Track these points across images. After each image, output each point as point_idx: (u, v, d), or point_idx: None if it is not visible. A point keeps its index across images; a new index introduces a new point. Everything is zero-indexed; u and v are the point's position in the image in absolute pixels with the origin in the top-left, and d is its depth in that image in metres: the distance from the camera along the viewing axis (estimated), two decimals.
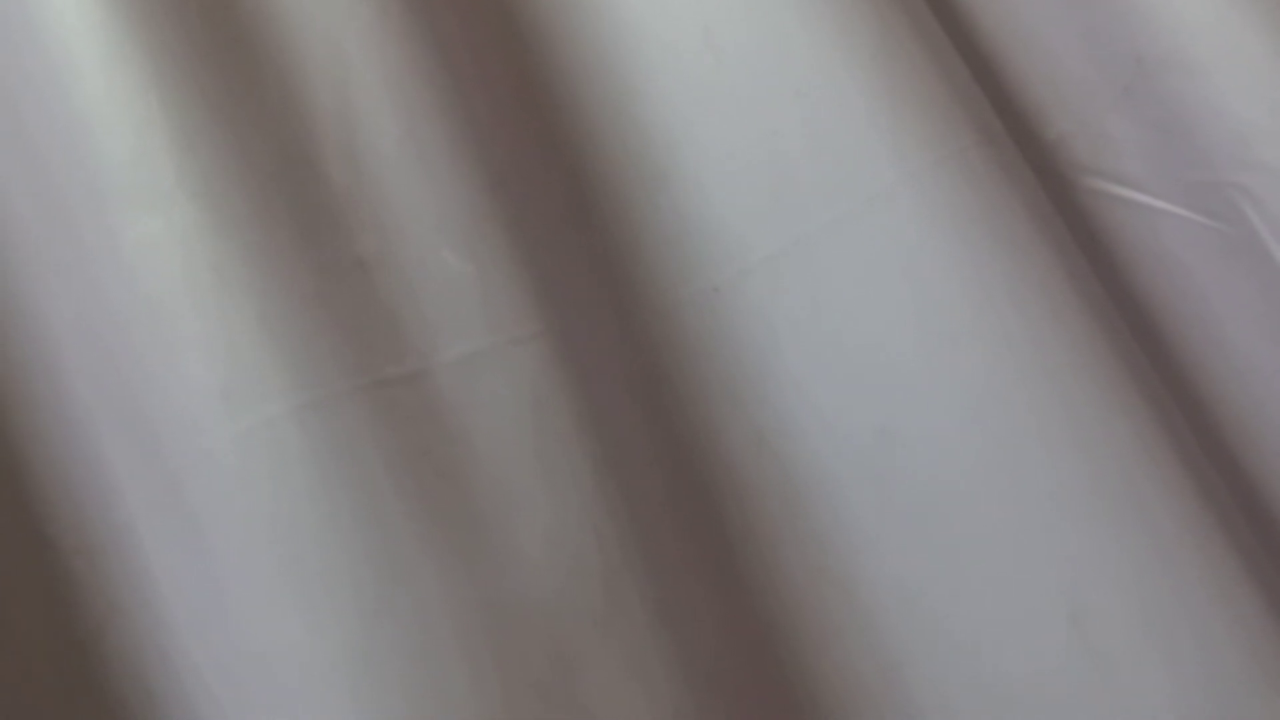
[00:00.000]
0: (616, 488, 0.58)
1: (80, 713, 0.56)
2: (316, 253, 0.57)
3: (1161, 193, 0.71)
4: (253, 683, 0.53)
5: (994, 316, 0.62)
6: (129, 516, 0.58)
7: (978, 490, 0.61)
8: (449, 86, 0.62)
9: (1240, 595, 0.59)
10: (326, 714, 0.51)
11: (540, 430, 0.57)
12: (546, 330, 0.59)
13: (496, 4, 0.67)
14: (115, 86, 0.57)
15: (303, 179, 0.58)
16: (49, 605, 0.59)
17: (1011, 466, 0.61)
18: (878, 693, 0.62)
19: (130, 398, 0.57)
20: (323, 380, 0.55)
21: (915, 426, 0.62)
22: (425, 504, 0.54)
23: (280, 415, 0.54)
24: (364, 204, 0.58)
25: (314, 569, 0.53)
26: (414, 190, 0.59)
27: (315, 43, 0.60)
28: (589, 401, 0.59)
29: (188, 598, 0.56)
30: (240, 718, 0.54)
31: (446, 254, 0.58)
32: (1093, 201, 0.72)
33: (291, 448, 0.54)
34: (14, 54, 0.56)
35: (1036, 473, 0.61)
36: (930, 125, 0.63)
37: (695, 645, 0.57)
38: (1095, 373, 0.61)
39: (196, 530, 0.55)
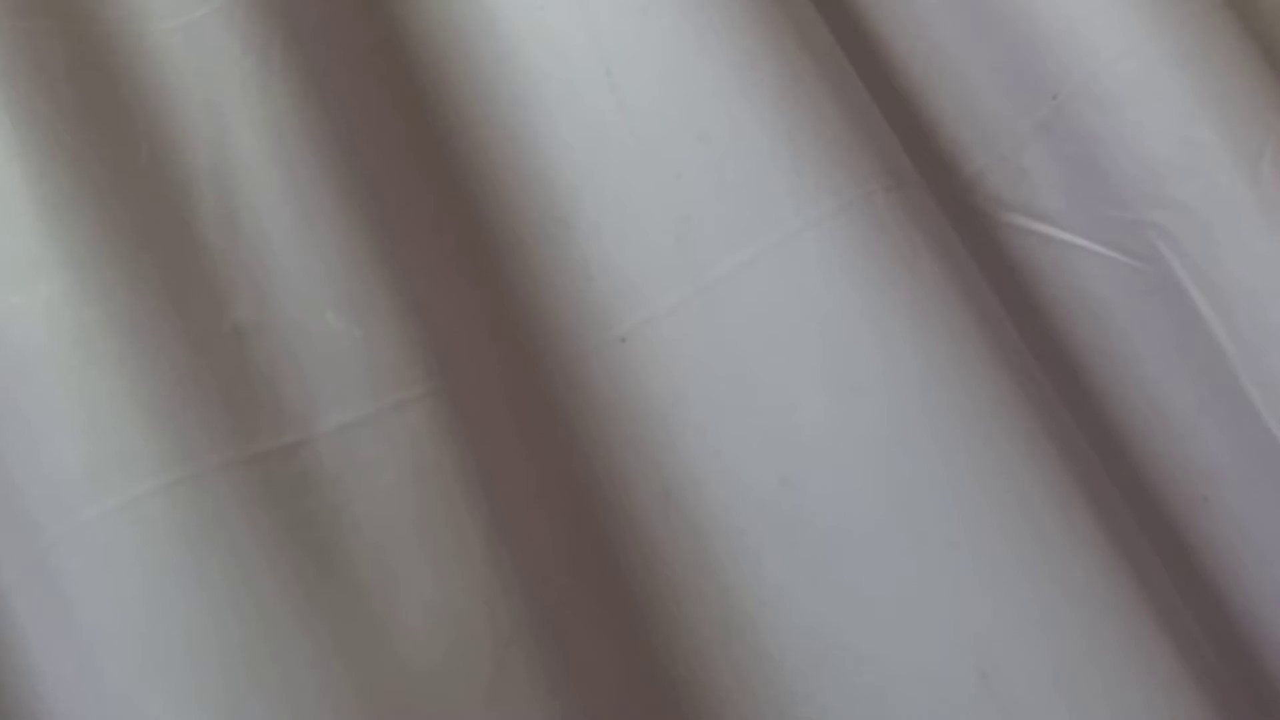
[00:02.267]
0: (509, 554, 0.56)
1: None
2: (189, 321, 0.54)
3: (1079, 229, 0.69)
4: None
5: (900, 364, 0.60)
6: (4, 587, 0.56)
7: (884, 541, 0.60)
8: (335, 138, 0.60)
9: (1153, 649, 0.58)
10: None
11: (423, 498, 0.55)
12: (435, 391, 0.57)
13: (388, 50, 0.66)
14: None
15: (175, 243, 0.56)
16: None
17: (918, 516, 0.60)
18: None
19: (1, 469, 0.54)
20: (194, 456, 0.52)
21: (820, 475, 0.61)
22: (300, 579, 0.52)
23: (148, 493, 0.52)
24: (241, 267, 0.56)
25: (181, 648, 0.51)
26: (295, 251, 0.57)
27: (189, 98, 0.58)
28: (479, 464, 0.57)
29: (60, 674, 0.54)
30: None
31: (330, 316, 0.56)
32: (1012, 237, 0.71)
33: (160, 526, 0.52)
34: None
35: (943, 523, 0.59)
36: (835, 169, 0.61)
37: (591, 713, 0.55)
38: (1004, 421, 0.59)
39: (66, 606, 0.53)
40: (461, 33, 0.65)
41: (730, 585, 0.62)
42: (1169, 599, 0.61)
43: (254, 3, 0.60)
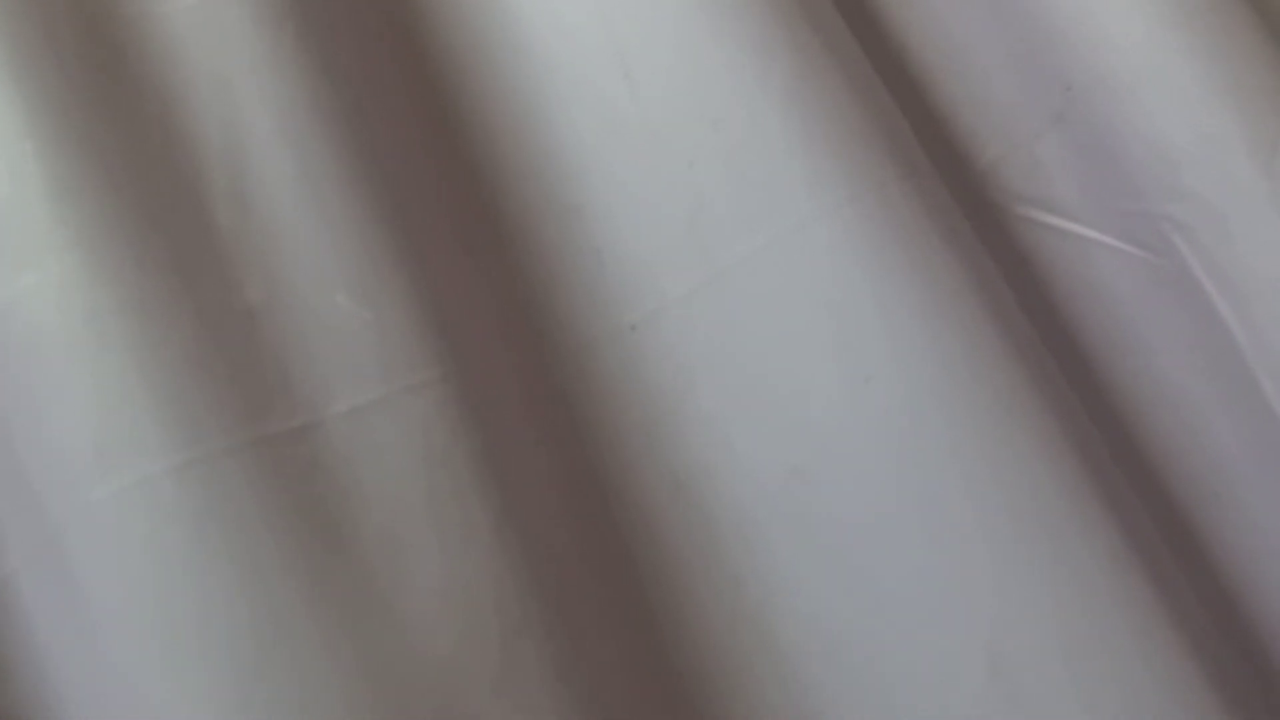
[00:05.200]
0: (518, 541, 0.55)
1: None
2: (200, 301, 0.54)
3: (1093, 222, 0.69)
4: None
5: (911, 353, 0.60)
6: (12, 570, 0.56)
7: (895, 531, 0.60)
8: (347, 121, 0.59)
9: (1163, 639, 0.58)
10: None
11: (433, 482, 0.54)
12: (446, 376, 0.57)
13: (401, 35, 0.65)
14: None
15: (186, 224, 0.55)
16: None
17: (929, 507, 0.59)
18: None
19: (11, 450, 0.54)
20: (203, 437, 0.52)
21: (831, 465, 0.60)
22: (309, 563, 0.52)
23: (158, 474, 0.52)
24: (252, 248, 0.56)
25: (189, 630, 0.51)
26: (307, 232, 0.57)
27: (201, 79, 0.58)
28: (490, 449, 0.57)
29: (69, 656, 0.54)
30: None
31: (340, 298, 0.56)
32: (1025, 230, 0.71)
33: (169, 507, 0.52)
34: None
35: (954, 513, 0.59)
36: (849, 158, 0.61)
37: (600, 702, 0.55)
38: (1015, 411, 0.59)
39: (75, 588, 0.53)
40: (474, 17, 0.65)
41: (740, 574, 0.61)
42: (1179, 590, 0.61)
43: None
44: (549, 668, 0.55)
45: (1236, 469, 0.66)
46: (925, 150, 0.66)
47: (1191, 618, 0.60)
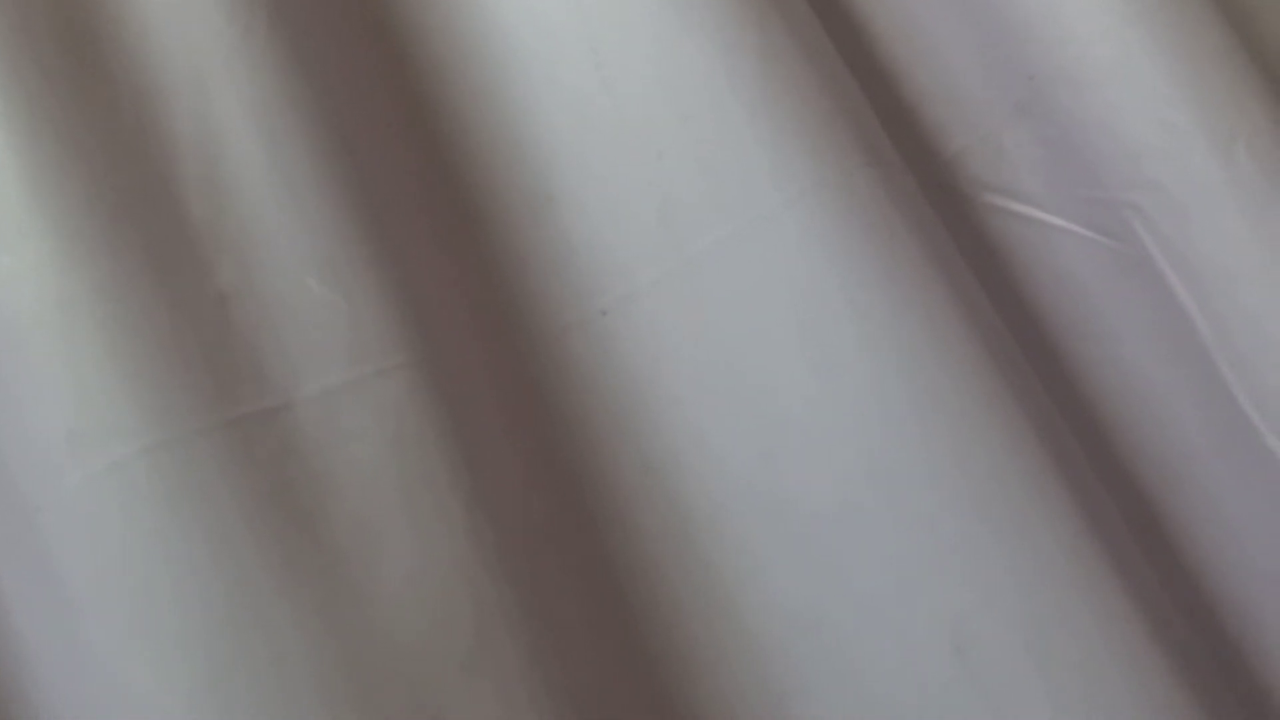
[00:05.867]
0: (489, 524, 0.56)
1: None
2: (172, 286, 0.55)
3: (1057, 209, 0.70)
4: None
5: (877, 341, 0.61)
6: None
7: (862, 517, 0.61)
8: (320, 110, 0.60)
9: (1126, 623, 0.59)
10: None
11: (404, 466, 0.55)
12: (416, 360, 0.57)
13: (374, 25, 0.66)
14: None
15: (159, 210, 0.56)
16: None
17: (896, 493, 0.60)
18: None
19: None
20: (175, 419, 0.53)
21: (799, 452, 0.61)
22: (281, 546, 0.52)
23: (130, 456, 0.52)
24: (224, 234, 0.56)
25: (165, 614, 0.52)
26: (279, 219, 0.57)
27: (174, 68, 0.58)
28: (461, 433, 0.57)
29: (47, 641, 0.55)
30: None
31: (311, 283, 0.56)
32: (990, 218, 0.71)
33: (141, 489, 0.52)
34: None
35: (921, 499, 0.60)
36: (815, 148, 0.62)
37: (572, 684, 0.56)
38: (981, 398, 0.60)
39: (51, 572, 0.53)
40: (447, 8, 0.66)
41: (711, 560, 0.62)
42: (1142, 575, 0.61)
43: None
44: (521, 650, 0.55)
45: (1199, 454, 0.67)
46: (893, 140, 0.67)
47: (1155, 602, 0.61)
